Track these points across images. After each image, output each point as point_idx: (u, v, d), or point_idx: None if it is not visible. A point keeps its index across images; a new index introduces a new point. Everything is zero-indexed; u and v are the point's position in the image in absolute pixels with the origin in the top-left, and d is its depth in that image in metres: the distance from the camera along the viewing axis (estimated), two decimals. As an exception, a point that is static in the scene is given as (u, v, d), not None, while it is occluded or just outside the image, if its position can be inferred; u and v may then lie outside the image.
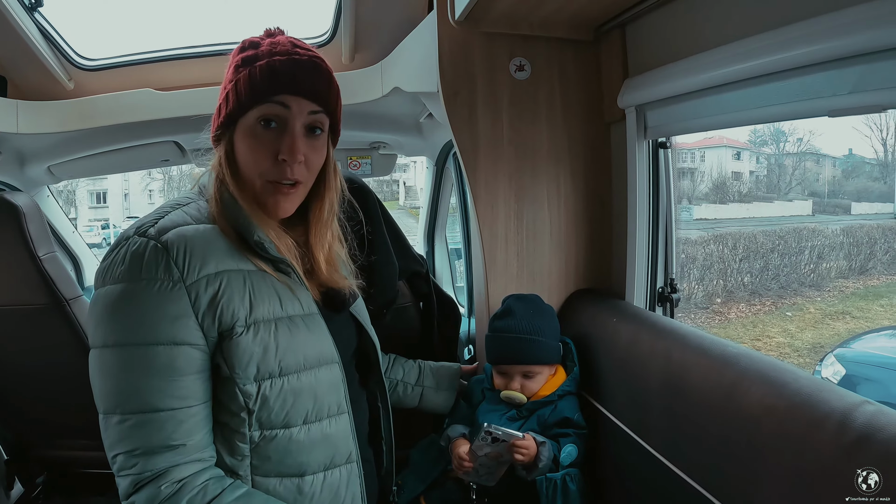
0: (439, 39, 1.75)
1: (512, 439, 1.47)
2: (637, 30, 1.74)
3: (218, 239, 1.10)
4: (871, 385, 5.53)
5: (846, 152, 16.14)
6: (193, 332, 1.05)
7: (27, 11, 2.27)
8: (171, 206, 1.14)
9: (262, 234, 1.13)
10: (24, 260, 2.13)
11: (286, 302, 1.14)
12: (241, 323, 1.07)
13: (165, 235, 1.05)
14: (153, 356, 1.01)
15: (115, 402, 1.02)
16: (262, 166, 1.13)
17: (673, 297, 1.87)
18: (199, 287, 1.04)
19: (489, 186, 1.83)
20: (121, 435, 1.02)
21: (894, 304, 9.96)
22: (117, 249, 1.05)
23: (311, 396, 1.14)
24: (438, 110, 1.93)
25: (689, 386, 1.27)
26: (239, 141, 1.14)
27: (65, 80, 2.49)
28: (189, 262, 1.04)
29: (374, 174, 3.11)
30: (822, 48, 1.13)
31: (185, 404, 1.04)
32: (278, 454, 1.12)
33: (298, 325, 1.15)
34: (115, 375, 1.03)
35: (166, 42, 2.59)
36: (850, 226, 12.13)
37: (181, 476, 1.04)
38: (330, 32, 2.48)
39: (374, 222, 1.70)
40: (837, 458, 0.90)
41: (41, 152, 2.69)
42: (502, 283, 1.86)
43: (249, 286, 1.10)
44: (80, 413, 2.36)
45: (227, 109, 1.13)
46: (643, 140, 1.77)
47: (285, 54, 1.13)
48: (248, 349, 1.07)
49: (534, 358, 1.61)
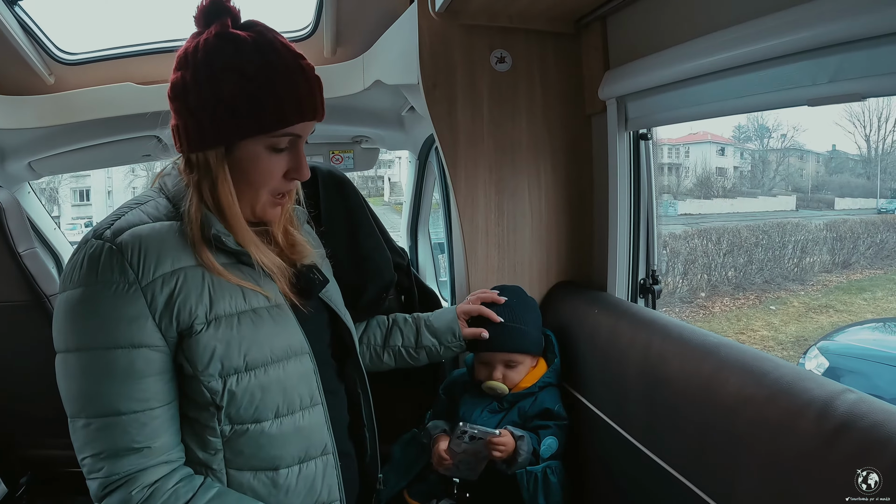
0: (419, 31, 1.74)
1: (488, 436, 1.48)
2: (618, 21, 1.74)
3: (175, 236, 1.07)
4: (854, 377, 5.60)
5: (830, 148, 16.31)
6: (152, 333, 1.03)
7: (7, 5, 2.25)
8: (128, 206, 1.12)
9: (220, 226, 1.10)
10: (4, 256, 2.11)
11: (249, 294, 1.12)
12: (201, 320, 1.05)
13: (120, 237, 1.03)
14: (112, 360, 1.01)
15: (80, 406, 1.02)
16: (272, 184, 1.13)
17: (655, 289, 1.88)
18: (154, 287, 1.03)
19: (469, 179, 1.83)
20: (86, 438, 1.02)
21: (877, 298, 10.08)
22: (77, 254, 1.04)
23: (281, 390, 1.12)
24: (419, 103, 1.93)
25: (668, 375, 1.28)
26: (244, 159, 1.10)
27: (45, 75, 2.47)
28: (143, 262, 1.02)
29: (356, 168, 3.10)
30: (801, 38, 1.14)
31: (147, 406, 1.03)
32: (250, 448, 1.10)
33: (263, 318, 1.12)
34: (77, 379, 1.02)
35: (147, 35, 2.57)
36: (833, 221, 12.27)
37: (151, 480, 1.03)
38: (311, 26, 2.47)
39: (358, 210, 1.69)
40: (818, 446, 0.91)
41: (21, 148, 2.66)
42: (483, 276, 1.87)
43: (209, 282, 1.08)
44: (62, 411, 2.35)
45: (233, 125, 1.07)
46: (624, 131, 1.78)
47: (297, 71, 1.09)
48: (210, 346, 1.05)
49: (517, 346, 1.62)
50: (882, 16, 0.98)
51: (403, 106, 2.45)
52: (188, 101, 1.08)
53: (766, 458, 0.99)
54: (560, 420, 1.59)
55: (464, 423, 1.50)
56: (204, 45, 1.08)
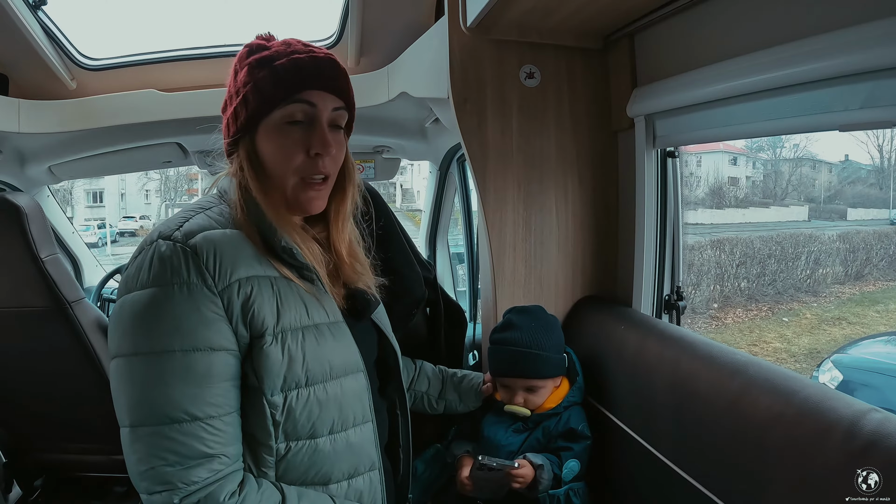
0: (450, 46, 1.74)
1: (507, 468, 1.47)
2: (645, 39, 1.74)
3: (244, 244, 1.08)
4: (868, 391, 5.56)
5: (842, 158, 16.19)
6: (229, 336, 1.02)
7: (30, 9, 2.26)
8: (194, 210, 1.11)
9: (288, 240, 1.10)
10: (26, 261, 2.11)
11: (312, 309, 1.12)
12: (270, 332, 1.05)
13: (193, 239, 1.02)
14: (190, 362, 0.98)
15: (146, 413, 0.98)
16: (295, 162, 1.12)
17: (679, 305, 1.87)
18: (231, 292, 1.02)
19: (498, 193, 1.83)
20: (152, 448, 0.97)
21: (890, 310, 9.99)
22: (142, 254, 1.02)
23: (337, 406, 1.12)
24: (447, 116, 1.93)
25: (697, 393, 1.28)
26: (264, 142, 1.12)
27: (67, 80, 2.48)
28: (220, 266, 1.02)
29: (377, 178, 3.10)
30: (833, 64, 1.13)
31: (224, 411, 1.01)
32: (303, 465, 1.10)
33: (324, 334, 1.12)
34: (145, 384, 0.98)
35: (170, 43, 2.59)
36: (846, 231, 12.17)
37: (233, 488, 1.01)
38: (336, 35, 2.48)
39: (388, 223, 1.68)
40: (845, 465, 0.92)
41: (42, 152, 2.68)
42: (510, 290, 1.86)
43: (277, 293, 1.08)
44: (80, 416, 2.36)
45: (247, 111, 1.11)
46: (652, 149, 1.77)
47: (304, 52, 1.12)
48: (276, 358, 1.05)
49: (536, 372, 1.60)
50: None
51: (428, 117, 2.45)
52: (224, 107, 1.17)
53: (796, 477, 0.99)
54: (584, 440, 1.58)
55: (482, 456, 1.49)
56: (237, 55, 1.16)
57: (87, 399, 2.24)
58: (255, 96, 1.10)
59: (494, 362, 1.64)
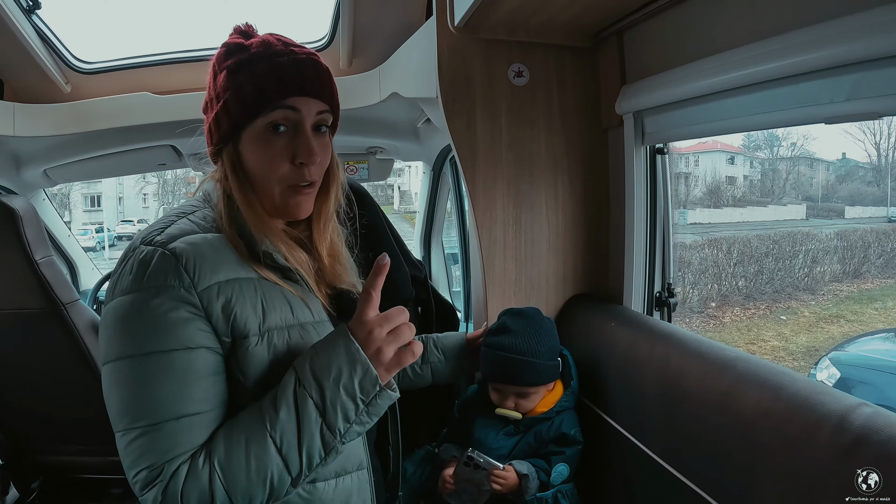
0: (438, 45, 1.75)
1: (492, 468, 1.47)
2: (634, 37, 1.75)
3: (226, 248, 1.07)
4: (865, 388, 5.57)
5: (840, 156, 16.21)
6: (207, 335, 1.02)
7: (25, 14, 2.27)
8: (176, 215, 1.11)
9: (269, 244, 1.10)
10: (21, 263, 2.12)
11: (297, 309, 1.12)
12: (255, 331, 1.05)
13: (174, 243, 1.02)
14: (170, 362, 0.98)
15: (135, 415, 0.98)
16: (280, 171, 1.11)
17: (670, 302, 1.88)
18: (210, 294, 1.02)
19: (487, 192, 1.83)
20: (144, 448, 0.98)
21: (888, 308, 10.00)
22: (125, 261, 1.02)
23: None
24: (437, 116, 1.93)
25: (686, 390, 1.28)
26: (248, 150, 1.11)
27: (62, 83, 2.49)
28: (199, 269, 1.01)
29: (370, 179, 3.11)
30: (818, 56, 1.14)
31: (208, 407, 1.01)
32: None
33: (310, 332, 1.12)
34: (131, 387, 0.99)
35: (164, 45, 2.60)
36: (843, 230, 12.19)
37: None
38: (328, 37, 2.49)
39: (375, 221, 1.69)
40: (835, 460, 0.92)
41: (37, 155, 2.68)
42: (500, 289, 1.87)
43: (261, 294, 1.07)
44: (76, 418, 2.37)
45: (229, 120, 1.09)
46: (641, 146, 1.78)
47: (284, 54, 1.10)
48: (263, 358, 1.05)
49: (528, 380, 1.58)
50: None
51: (419, 118, 2.45)
52: (205, 109, 1.14)
53: (785, 472, 0.99)
54: (576, 445, 1.58)
55: (472, 449, 1.50)
56: (215, 56, 1.14)
57: (83, 400, 2.25)
58: (236, 104, 1.09)
59: (487, 366, 1.61)
